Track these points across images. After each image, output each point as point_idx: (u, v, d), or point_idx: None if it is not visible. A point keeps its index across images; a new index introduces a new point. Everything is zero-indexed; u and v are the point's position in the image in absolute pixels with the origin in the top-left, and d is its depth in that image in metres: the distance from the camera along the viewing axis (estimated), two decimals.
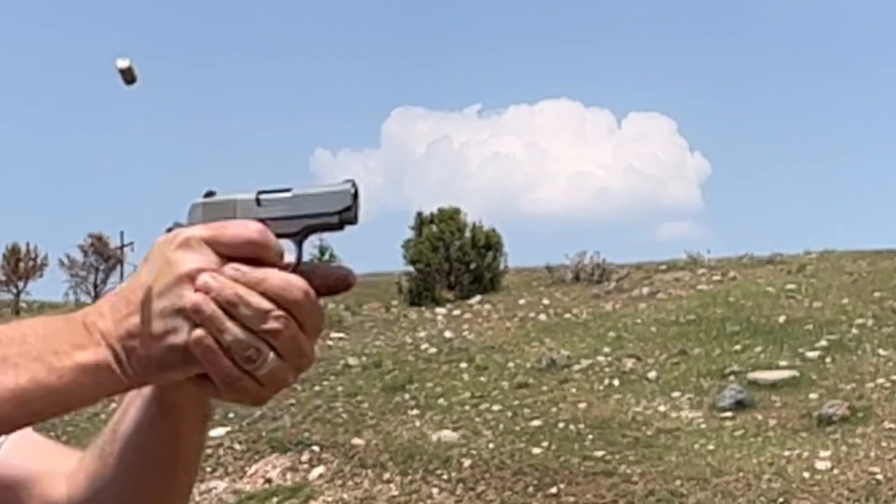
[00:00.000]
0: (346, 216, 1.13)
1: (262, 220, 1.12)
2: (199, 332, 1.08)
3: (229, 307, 1.08)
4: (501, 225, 30.59)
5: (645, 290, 21.22)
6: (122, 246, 27.90)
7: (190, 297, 1.08)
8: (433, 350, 18.24)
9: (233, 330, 1.08)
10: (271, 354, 1.09)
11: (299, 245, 1.14)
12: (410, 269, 22.78)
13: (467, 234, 23.40)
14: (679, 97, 46.01)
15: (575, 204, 45.07)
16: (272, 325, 1.08)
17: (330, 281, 1.14)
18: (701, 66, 46.39)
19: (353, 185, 1.13)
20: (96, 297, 25.78)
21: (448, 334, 19.32)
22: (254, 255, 1.10)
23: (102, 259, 26.26)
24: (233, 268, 1.09)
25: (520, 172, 43.64)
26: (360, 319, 20.28)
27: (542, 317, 20.18)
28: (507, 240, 23.83)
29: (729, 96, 44.69)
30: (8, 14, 43.42)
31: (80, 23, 47.29)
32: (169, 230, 1.14)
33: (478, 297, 22.00)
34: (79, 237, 27.85)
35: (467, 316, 20.81)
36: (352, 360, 17.60)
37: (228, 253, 1.10)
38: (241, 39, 48.81)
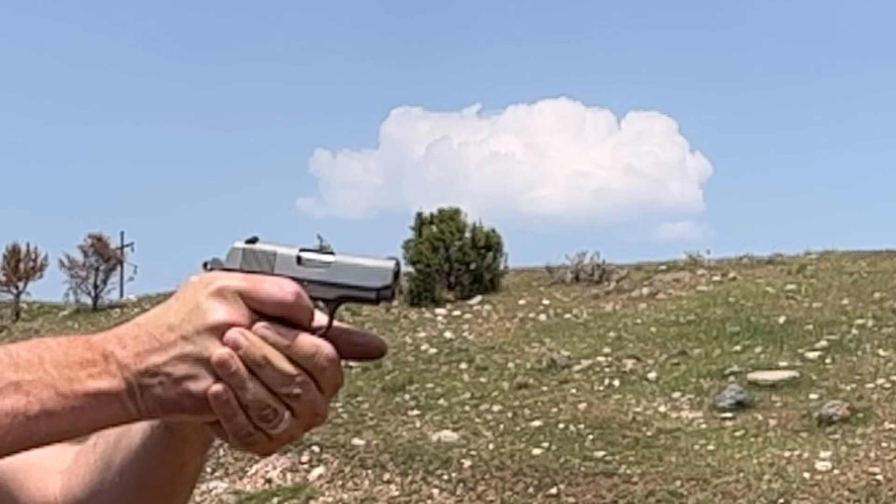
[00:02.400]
0: (384, 293, 1.13)
1: (299, 280, 1.11)
2: (219, 386, 1.08)
3: (255, 367, 1.08)
4: (501, 225, 30.55)
5: (645, 291, 21.21)
6: (122, 246, 27.90)
7: (216, 350, 1.08)
8: (433, 350, 18.24)
9: (253, 390, 1.09)
10: (287, 414, 1.10)
11: (332, 311, 1.14)
12: (410, 269, 22.75)
13: (467, 234, 23.37)
14: (679, 96, 46.01)
15: (574, 204, 45.00)
16: (294, 390, 1.09)
17: (359, 349, 1.15)
18: (701, 65, 46.39)
19: (397, 263, 1.14)
20: (96, 297, 25.77)
21: (448, 335, 19.31)
22: (285, 315, 1.10)
23: (102, 259, 26.21)
24: (264, 327, 1.09)
25: (519, 172, 43.58)
26: (359, 320, 20.26)
27: (542, 317, 20.18)
28: (507, 240, 23.78)
29: (730, 95, 44.61)
30: (8, 15, 43.43)
31: (79, 25, 47.33)
32: (205, 266, 1.14)
33: (478, 298, 21.99)
34: (79, 237, 27.80)
35: (467, 316, 20.81)
36: (352, 361, 17.60)
37: (260, 309, 1.10)
38: (241, 39, 48.83)
